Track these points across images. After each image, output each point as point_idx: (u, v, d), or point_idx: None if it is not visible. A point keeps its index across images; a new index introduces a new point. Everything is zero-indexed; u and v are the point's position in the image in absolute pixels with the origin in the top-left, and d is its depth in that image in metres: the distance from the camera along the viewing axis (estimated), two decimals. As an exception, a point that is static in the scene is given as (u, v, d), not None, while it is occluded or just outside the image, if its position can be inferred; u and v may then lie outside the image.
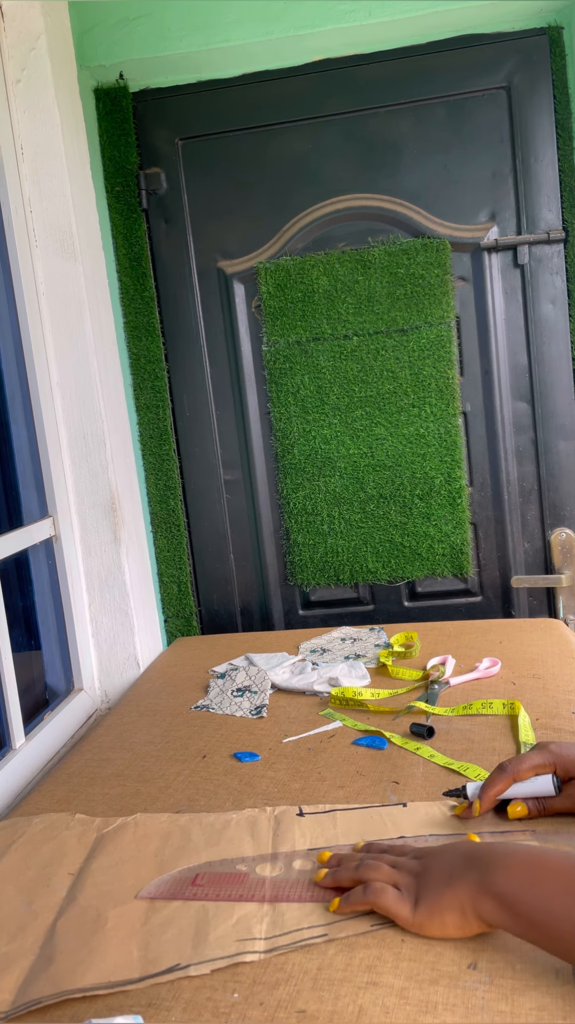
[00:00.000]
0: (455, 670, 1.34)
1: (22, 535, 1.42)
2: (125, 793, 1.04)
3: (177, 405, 1.83)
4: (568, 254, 1.70)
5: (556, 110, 1.67)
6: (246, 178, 1.76)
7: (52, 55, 1.50)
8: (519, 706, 1.15)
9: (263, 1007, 0.64)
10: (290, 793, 0.99)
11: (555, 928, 0.62)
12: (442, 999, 0.63)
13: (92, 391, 1.56)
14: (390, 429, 1.75)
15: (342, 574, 1.81)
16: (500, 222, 1.71)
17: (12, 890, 0.84)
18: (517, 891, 0.64)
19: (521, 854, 0.67)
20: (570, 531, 1.77)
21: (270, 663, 1.44)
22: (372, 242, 1.73)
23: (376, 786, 0.99)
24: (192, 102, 1.75)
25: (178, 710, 1.32)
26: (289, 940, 0.71)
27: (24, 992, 0.69)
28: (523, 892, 0.64)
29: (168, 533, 1.84)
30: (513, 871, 0.66)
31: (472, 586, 1.81)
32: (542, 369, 1.74)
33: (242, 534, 1.85)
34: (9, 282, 1.48)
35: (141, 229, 1.77)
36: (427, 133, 1.71)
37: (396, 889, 0.72)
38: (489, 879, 0.66)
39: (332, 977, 0.67)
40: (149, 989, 0.67)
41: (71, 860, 0.88)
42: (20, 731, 1.32)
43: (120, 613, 1.61)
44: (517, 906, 0.64)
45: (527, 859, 0.67)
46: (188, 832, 0.91)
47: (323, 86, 1.72)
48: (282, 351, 1.77)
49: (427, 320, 1.72)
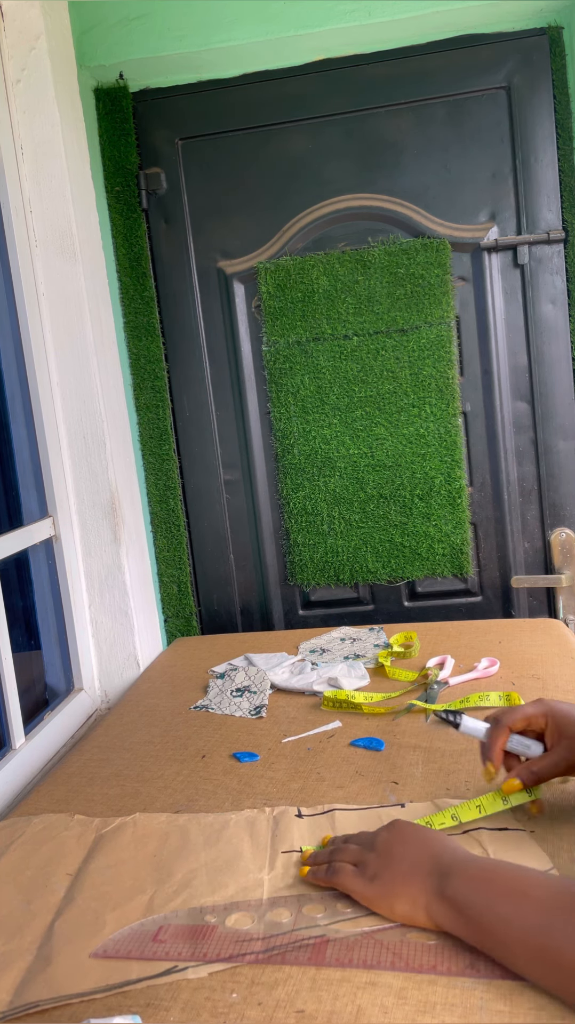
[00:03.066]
0: (454, 670, 1.34)
1: (22, 535, 1.43)
2: (124, 793, 1.04)
3: (177, 405, 1.83)
4: (568, 254, 1.70)
5: (556, 110, 1.67)
6: (246, 178, 1.76)
7: (52, 55, 1.50)
8: (516, 697, 1.16)
9: (261, 1007, 0.64)
10: (289, 793, 0.99)
11: (502, 933, 0.64)
12: (440, 999, 0.63)
13: (92, 391, 1.56)
14: (390, 429, 1.75)
15: (342, 574, 1.81)
16: (500, 222, 1.71)
17: (11, 890, 0.84)
18: (469, 896, 0.67)
19: (476, 862, 0.71)
20: (570, 531, 1.76)
21: (269, 663, 1.44)
22: (372, 242, 1.73)
23: (375, 786, 0.99)
24: (192, 102, 1.75)
25: (177, 710, 1.32)
26: (287, 940, 0.71)
27: (21, 993, 0.69)
28: (474, 897, 0.67)
29: (168, 533, 1.84)
30: (467, 878, 0.68)
31: (472, 586, 1.81)
32: (542, 369, 1.74)
33: (242, 534, 1.85)
34: (9, 282, 1.48)
35: (141, 229, 1.77)
36: (427, 133, 1.71)
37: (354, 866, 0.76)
38: (446, 884, 0.69)
39: (331, 977, 0.67)
40: (147, 989, 0.67)
41: (70, 860, 0.88)
42: (20, 731, 1.32)
43: (120, 613, 1.61)
44: (468, 911, 0.67)
45: (481, 866, 0.70)
46: (187, 832, 0.91)
47: (323, 86, 1.72)
48: (282, 351, 1.77)
49: (427, 320, 1.72)
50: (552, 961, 0.61)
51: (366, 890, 0.73)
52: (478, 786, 0.96)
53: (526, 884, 0.66)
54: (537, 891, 0.65)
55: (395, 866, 0.73)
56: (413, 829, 0.78)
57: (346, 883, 0.75)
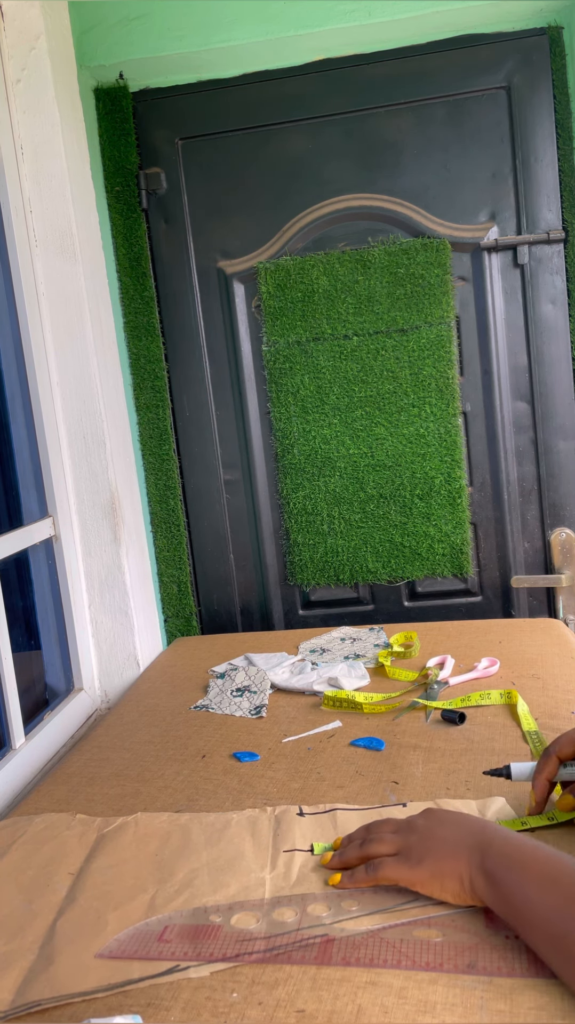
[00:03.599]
0: (454, 670, 1.34)
1: (22, 535, 1.43)
2: (125, 793, 1.04)
3: (177, 405, 1.83)
4: (568, 254, 1.70)
5: (556, 110, 1.67)
6: (246, 178, 1.76)
7: (52, 55, 1.50)
8: (516, 695, 1.16)
9: (262, 1007, 0.64)
10: (289, 793, 0.99)
11: (527, 914, 0.65)
12: (441, 999, 0.63)
13: (92, 391, 1.56)
14: (390, 429, 1.75)
15: (342, 574, 1.81)
16: (500, 222, 1.71)
17: (12, 890, 0.84)
18: (503, 873, 0.68)
19: (516, 840, 0.71)
20: (570, 531, 1.77)
21: (270, 663, 1.44)
22: (372, 242, 1.73)
23: (376, 786, 0.99)
24: (192, 102, 1.75)
25: (178, 710, 1.32)
26: (292, 940, 0.71)
27: (23, 993, 0.69)
28: (506, 875, 0.68)
29: (168, 533, 1.84)
30: (503, 855, 0.70)
31: (472, 586, 1.81)
32: (542, 369, 1.74)
33: (242, 534, 1.85)
34: (9, 282, 1.48)
35: (141, 229, 1.77)
36: (427, 133, 1.71)
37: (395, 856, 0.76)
38: (485, 857, 0.70)
39: (331, 976, 0.67)
40: (148, 989, 0.67)
41: (71, 860, 0.88)
42: (20, 731, 1.32)
43: (120, 613, 1.61)
44: (501, 887, 0.68)
45: (519, 845, 0.70)
46: (188, 832, 0.91)
47: (323, 86, 1.72)
48: (282, 351, 1.77)
49: (427, 320, 1.72)
50: (568, 950, 0.61)
51: (413, 875, 0.73)
52: (478, 785, 0.96)
53: (558, 870, 0.66)
54: (567, 878, 0.65)
55: (440, 847, 0.74)
56: (449, 812, 0.78)
57: (391, 874, 0.75)
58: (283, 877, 0.81)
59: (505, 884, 0.68)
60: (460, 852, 0.72)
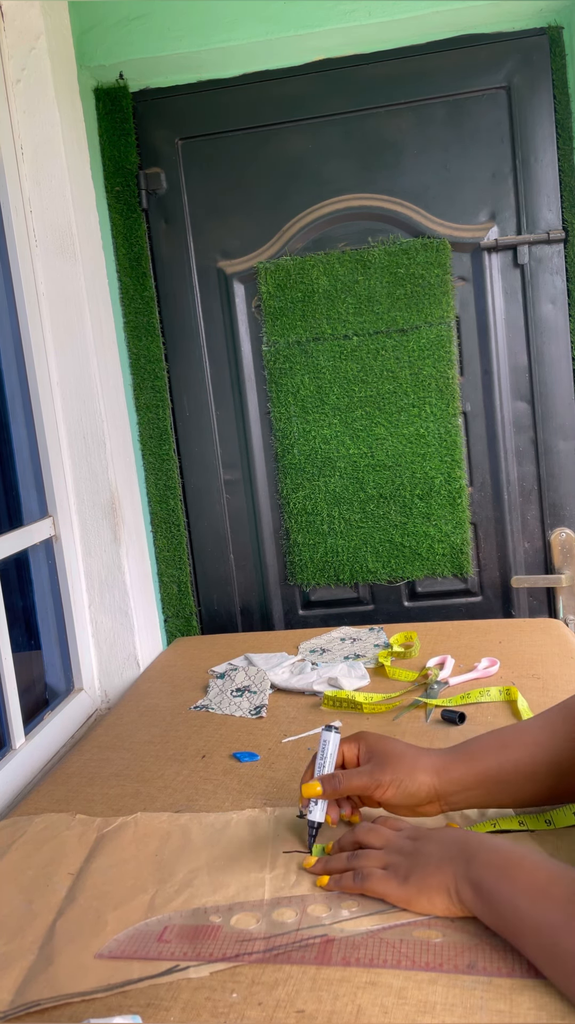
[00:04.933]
0: (454, 670, 1.34)
1: (22, 535, 1.43)
2: (125, 793, 1.04)
3: (177, 405, 1.83)
4: (568, 254, 1.70)
5: (556, 110, 1.67)
6: (246, 178, 1.76)
7: (52, 55, 1.50)
8: (516, 691, 1.17)
9: (262, 1007, 0.64)
10: (289, 793, 0.99)
11: (517, 926, 0.65)
12: (440, 999, 0.63)
13: (92, 391, 1.56)
14: (390, 429, 1.75)
15: (342, 574, 1.81)
16: (500, 222, 1.71)
17: (12, 890, 0.84)
18: (491, 884, 0.68)
19: (503, 850, 0.70)
20: (570, 531, 1.77)
21: (269, 663, 1.44)
22: (372, 242, 1.73)
23: (375, 786, 0.99)
24: (192, 102, 1.75)
25: (177, 710, 1.32)
26: (291, 940, 0.71)
27: (22, 992, 0.69)
28: (494, 885, 0.67)
29: (168, 533, 1.84)
30: (490, 864, 0.69)
31: (472, 586, 1.81)
32: (542, 369, 1.74)
33: (242, 534, 1.85)
34: (9, 282, 1.48)
35: (141, 229, 1.77)
36: (427, 133, 1.71)
37: (383, 870, 0.75)
38: (470, 867, 0.70)
39: (331, 977, 0.67)
40: (148, 989, 0.67)
41: (71, 860, 0.88)
42: (20, 731, 1.32)
43: (120, 613, 1.61)
44: (490, 897, 0.67)
45: (507, 855, 0.69)
46: (188, 832, 0.91)
47: (323, 86, 1.72)
48: (282, 351, 1.77)
49: (427, 320, 1.72)
50: (561, 961, 0.61)
51: (401, 892, 0.73)
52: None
53: (547, 880, 0.65)
54: (557, 888, 0.64)
55: (426, 863, 0.73)
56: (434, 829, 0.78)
57: (379, 888, 0.74)
58: (283, 877, 0.81)
59: (491, 895, 0.67)
60: (445, 865, 0.72)
